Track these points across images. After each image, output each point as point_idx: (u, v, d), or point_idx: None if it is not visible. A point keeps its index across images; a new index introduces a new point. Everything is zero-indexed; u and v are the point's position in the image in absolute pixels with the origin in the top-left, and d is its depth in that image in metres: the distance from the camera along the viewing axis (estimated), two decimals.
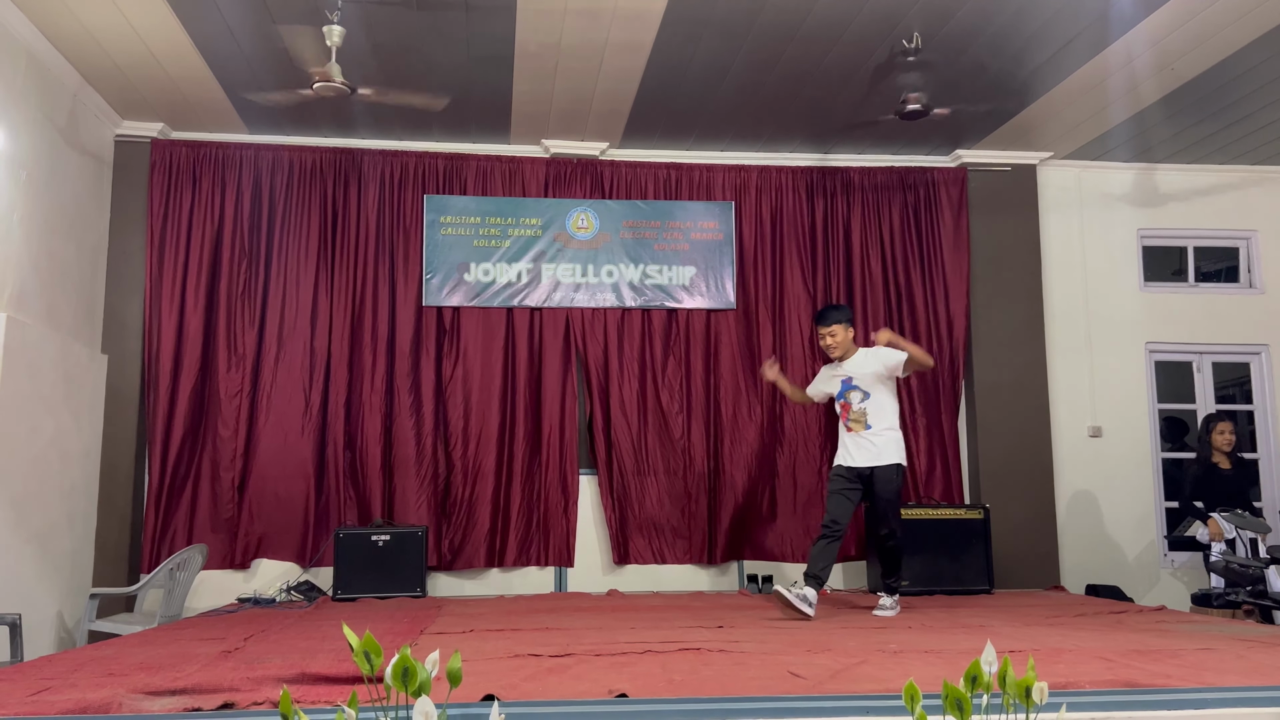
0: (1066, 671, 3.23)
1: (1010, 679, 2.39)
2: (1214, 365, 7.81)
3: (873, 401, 5.45)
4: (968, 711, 2.36)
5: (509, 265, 7.20)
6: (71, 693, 2.95)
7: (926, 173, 7.59)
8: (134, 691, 2.91)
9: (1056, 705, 2.46)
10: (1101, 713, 2.64)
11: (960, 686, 2.37)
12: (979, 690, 2.39)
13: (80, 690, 2.99)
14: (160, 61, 5.96)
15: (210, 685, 2.99)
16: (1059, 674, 3.14)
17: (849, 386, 5.52)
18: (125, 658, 3.76)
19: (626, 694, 2.89)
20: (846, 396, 5.53)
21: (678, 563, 7.08)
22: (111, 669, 3.45)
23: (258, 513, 6.74)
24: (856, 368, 5.53)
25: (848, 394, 5.52)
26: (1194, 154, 7.56)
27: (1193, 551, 7.26)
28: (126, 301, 6.80)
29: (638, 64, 6.07)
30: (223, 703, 2.76)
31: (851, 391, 5.50)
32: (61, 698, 2.87)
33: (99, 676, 3.26)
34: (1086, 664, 3.45)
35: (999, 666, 2.41)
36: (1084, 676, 3.11)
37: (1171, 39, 5.72)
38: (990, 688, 2.40)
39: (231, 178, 7.02)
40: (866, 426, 5.43)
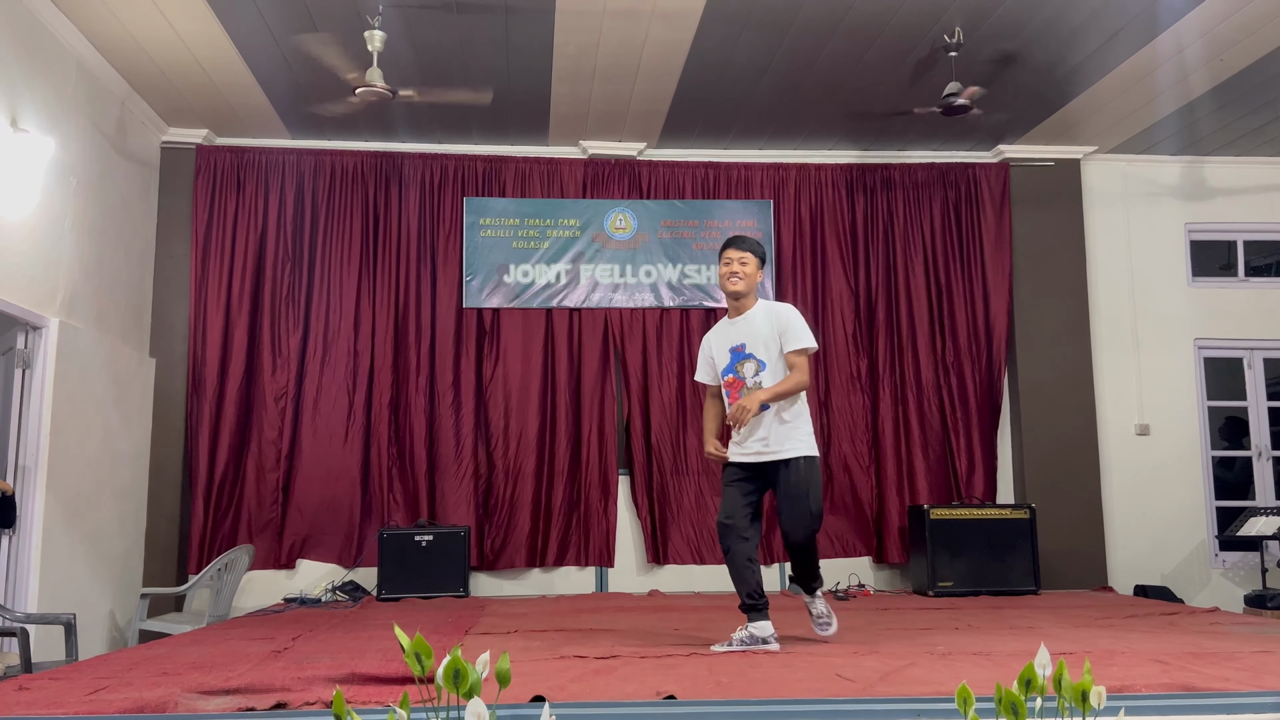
0: (1121, 674, 3.18)
1: (1066, 682, 2.35)
2: (1265, 361, 7.65)
3: (769, 373, 4.08)
4: (1023, 715, 2.32)
5: (548, 266, 7.22)
6: (128, 691, 3.00)
7: (968, 169, 7.51)
8: (189, 691, 2.95)
9: (1115, 709, 2.42)
10: (1159, 717, 2.59)
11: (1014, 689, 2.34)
12: (1033, 694, 2.36)
13: (136, 689, 3.04)
14: (205, 69, 6.05)
15: (263, 685, 3.03)
16: (1114, 677, 3.09)
17: (740, 356, 4.14)
18: (177, 657, 3.82)
19: (675, 696, 2.89)
20: (737, 370, 4.15)
21: (718, 563, 7.04)
22: (165, 668, 3.50)
23: (303, 513, 6.82)
24: (750, 329, 4.14)
25: (740, 365, 4.15)
26: (1243, 146, 7.41)
27: (1245, 551, 7.11)
28: (173, 305, 6.91)
29: (676, 63, 6.05)
30: (276, 702, 2.79)
31: (744, 361, 4.14)
32: (118, 696, 2.92)
33: (154, 676, 3.32)
34: (1141, 667, 3.39)
35: (1054, 669, 2.37)
36: (1139, 680, 3.06)
37: (1220, 29, 5.61)
38: (1044, 691, 2.37)
39: (275, 182, 7.10)
40: (763, 407, 4.00)
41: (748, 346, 4.12)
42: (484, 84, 6.22)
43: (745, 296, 4.16)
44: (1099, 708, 2.30)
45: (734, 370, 4.15)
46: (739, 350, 4.14)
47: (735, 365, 4.14)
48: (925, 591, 6.47)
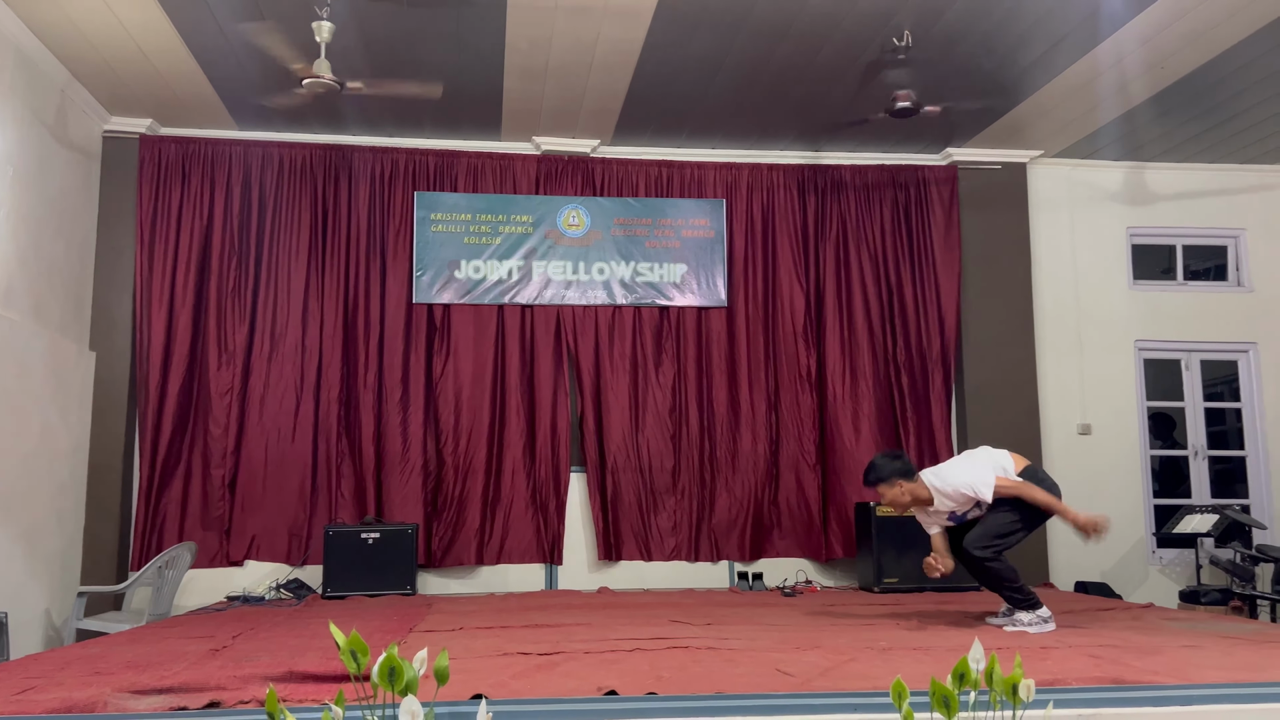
0: (1054, 668, 3.24)
1: (997, 676, 2.40)
2: (1202, 363, 7.84)
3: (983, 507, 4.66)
4: (954, 709, 2.37)
5: (500, 262, 7.19)
6: (57, 691, 2.94)
7: (917, 171, 7.60)
8: (120, 690, 2.90)
9: (1044, 702, 2.47)
10: (1088, 709, 2.65)
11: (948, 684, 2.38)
12: (966, 687, 2.40)
13: (66, 689, 2.97)
14: (149, 57, 5.93)
15: (197, 684, 2.98)
16: (1047, 670, 3.15)
17: (960, 520, 4.77)
18: (112, 656, 3.75)
19: (616, 691, 2.89)
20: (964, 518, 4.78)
21: (667, 560, 7.08)
22: (98, 667, 3.43)
23: (248, 510, 6.73)
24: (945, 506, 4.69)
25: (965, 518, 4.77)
26: (1183, 152, 7.58)
27: (1181, 548, 7.29)
28: (115, 298, 6.77)
29: (629, 61, 6.06)
30: (209, 701, 2.75)
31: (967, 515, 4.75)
32: (47, 696, 2.86)
33: (85, 675, 3.25)
34: (1074, 661, 3.46)
35: (986, 664, 2.42)
36: (1071, 673, 3.12)
37: (1162, 37, 5.74)
38: (978, 685, 2.41)
39: (221, 174, 6.99)
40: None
41: (957, 512, 4.71)
42: (435, 77, 6.18)
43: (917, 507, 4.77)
44: (1028, 700, 2.35)
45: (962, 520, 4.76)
46: (956, 516, 4.75)
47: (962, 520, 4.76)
48: (871, 588, 6.55)
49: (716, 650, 3.76)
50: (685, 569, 7.09)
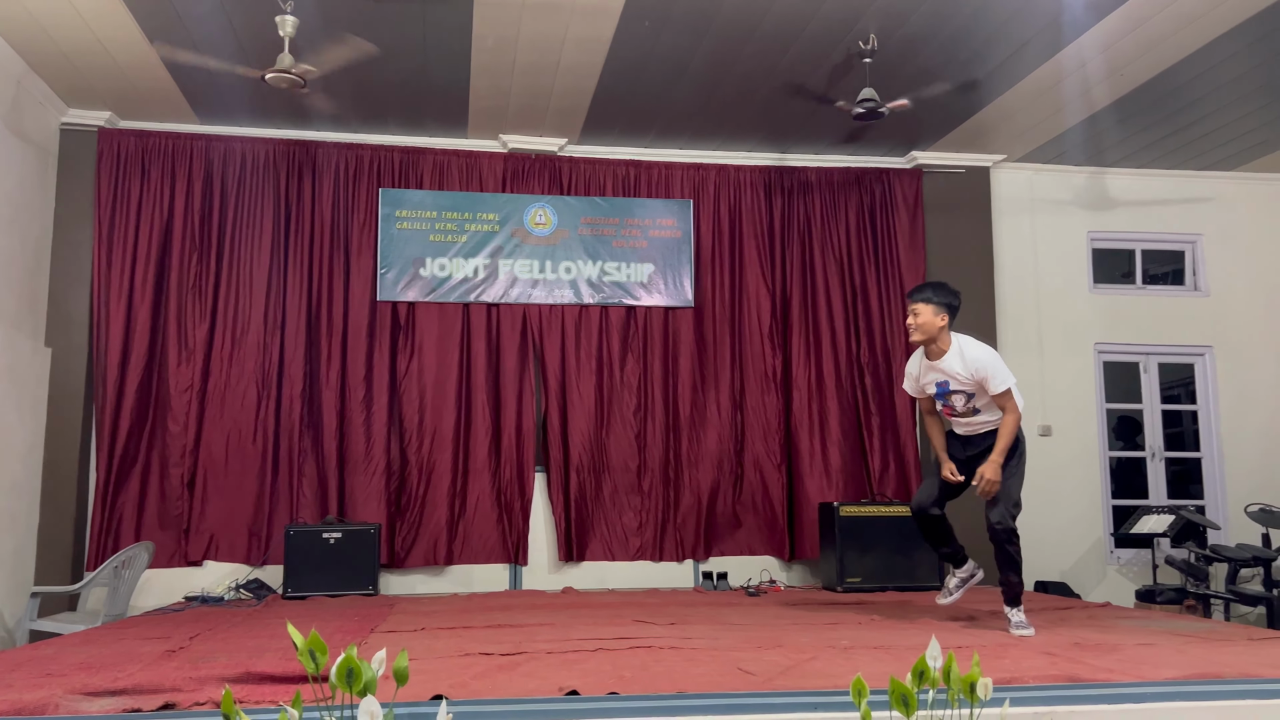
0: (1011, 666, 3.28)
1: (955, 674, 2.42)
2: (1160, 366, 7.97)
3: (980, 399, 4.52)
4: (913, 707, 2.38)
5: (465, 260, 7.15)
6: (7, 693, 2.88)
7: (883, 173, 7.66)
8: (72, 692, 2.85)
9: (1000, 700, 2.50)
10: (1044, 707, 2.68)
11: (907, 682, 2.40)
12: (925, 686, 2.42)
13: (16, 691, 2.92)
14: (108, 49, 5.83)
15: (151, 685, 2.94)
16: (1004, 669, 3.19)
17: (946, 390, 4.56)
18: (65, 657, 3.68)
19: (577, 691, 2.88)
20: (947, 399, 4.59)
21: (631, 560, 7.08)
22: (50, 669, 3.37)
23: (208, 509, 6.63)
24: (951, 371, 4.52)
25: (948, 397, 4.58)
26: (1143, 159, 7.70)
27: (1139, 548, 7.40)
28: (72, 294, 6.65)
29: (597, 59, 6.05)
30: (164, 703, 2.71)
31: (952, 394, 4.56)
32: None
33: (37, 677, 3.19)
34: (1031, 659, 3.50)
35: (944, 662, 2.44)
36: (1028, 671, 3.16)
37: (1122, 44, 5.82)
38: (936, 683, 2.43)
39: (182, 168, 6.89)
40: (975, 412, 4.56)
41: (951, 385, 4.55)
42: (401, 73, 6.12)
43: (930, 344, 4.54)
44: (986, 698, 2.37)
45: (944, 400, 4.61)
46: (944, 385, 4.58)
47: (944, 396, 4.60)
48: (834, 587, 6.59)
49: (679, 649, 3.77)
50: (650, 569, 7.09)
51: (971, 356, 4.47)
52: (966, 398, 4.50)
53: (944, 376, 4.53)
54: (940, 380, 4.55)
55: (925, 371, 4.62)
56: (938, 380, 4.56)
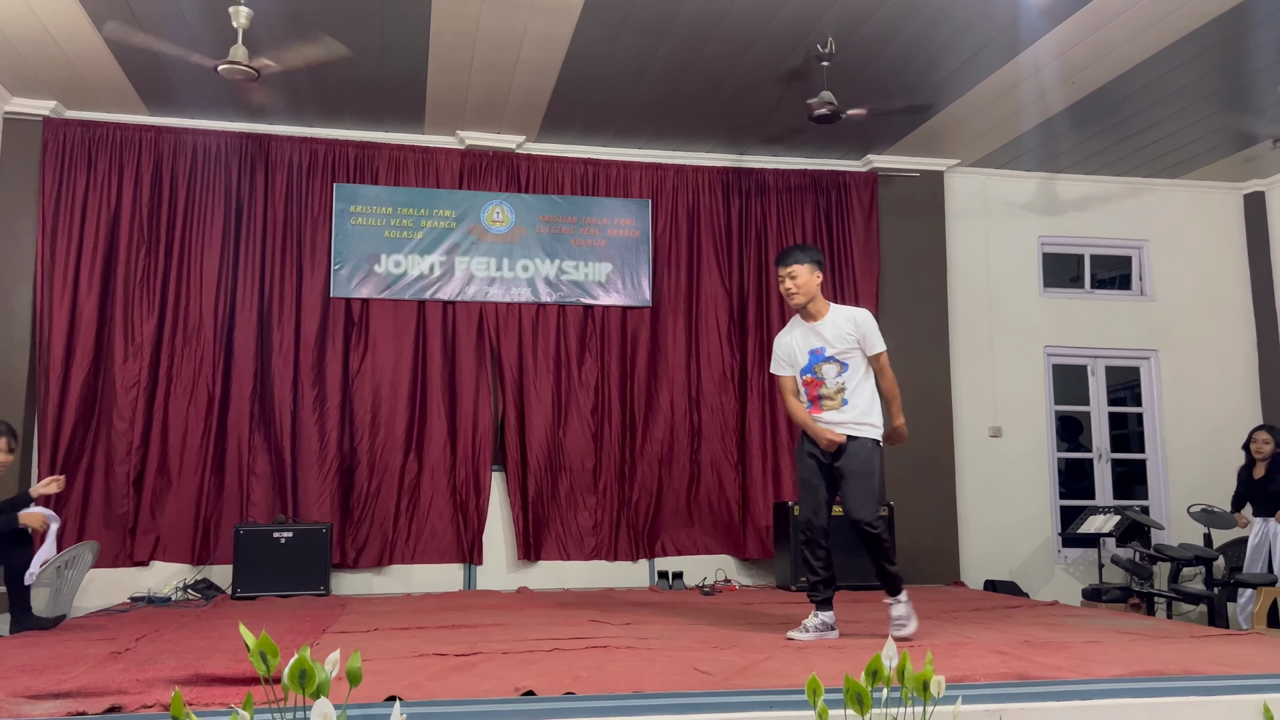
0: (963, 665, 3.32)
1: (909, 673, 2.45)
2: (1107, 369, 8.13)
3: (850, 374, 4.24)
4: (867, 705, 2.41)
5: (421, 257, 7.08)
6: None
7: (839, 176, 7.72)
8: (14, 695, 2.77)
9: (953, 698, 2.53)
10: (995, 704, 2.72)
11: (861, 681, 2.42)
12: (879, 684, 2.44)
13: None
14: (54, 36, 5.69)
15: (97, 688, 2.87)
16: (956, 667, 3.23)
17: (819, 358, 4.26)
18: (6, 659, 3.59)
19: (533, 691, 2.87)
20: (816, 371, 4.26)
21: (587, 560, 7.06)
22: None
23: (155, 508, 6.51)
24: (829, 333, 4.27)
25: (819, 368, 4.26)
26: (1092, 165, 7.85)
27: (1085, 548, 7.54)
28: (14, 286, 6.49)
29: (556, 57, 6.03)
30: (109, 706, 2.65)
31: (823, 364, 4.25)
32: None
33: None
34: (982, 657, 3.55)
35: (898, 661, 2.47)
36: (980, 669, 3.21)
37: (1074, 52, 5.93)
38: (890, 682, 2.46)
39: (130, 160, 6.75)
40: (843, 403, 4.22)
41: (827, 350, 4.25)
42: (358, 67, 6.04)
43: (808, 304, 4.30)
44: (939, 696, 2.40)
45: (812, 371, 4.28)
46: (818, 353, 4.27)
47: (814, 366, 4.27)
48: (788, 587, 6.62)
49: (635, 649, 3.77)
50: (605, 568, 7.08)
51: (852, 313, 4.33)
52: (839, 369, 4.23)
53: (820, 341, 4.26)
54: (816, 347, 4.27)
55: (800, 338, 4.34)
56: (813, 347, 4.28)
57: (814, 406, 4.29)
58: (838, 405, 4.24)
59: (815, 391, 4.29)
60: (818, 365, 4.27)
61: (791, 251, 4.38)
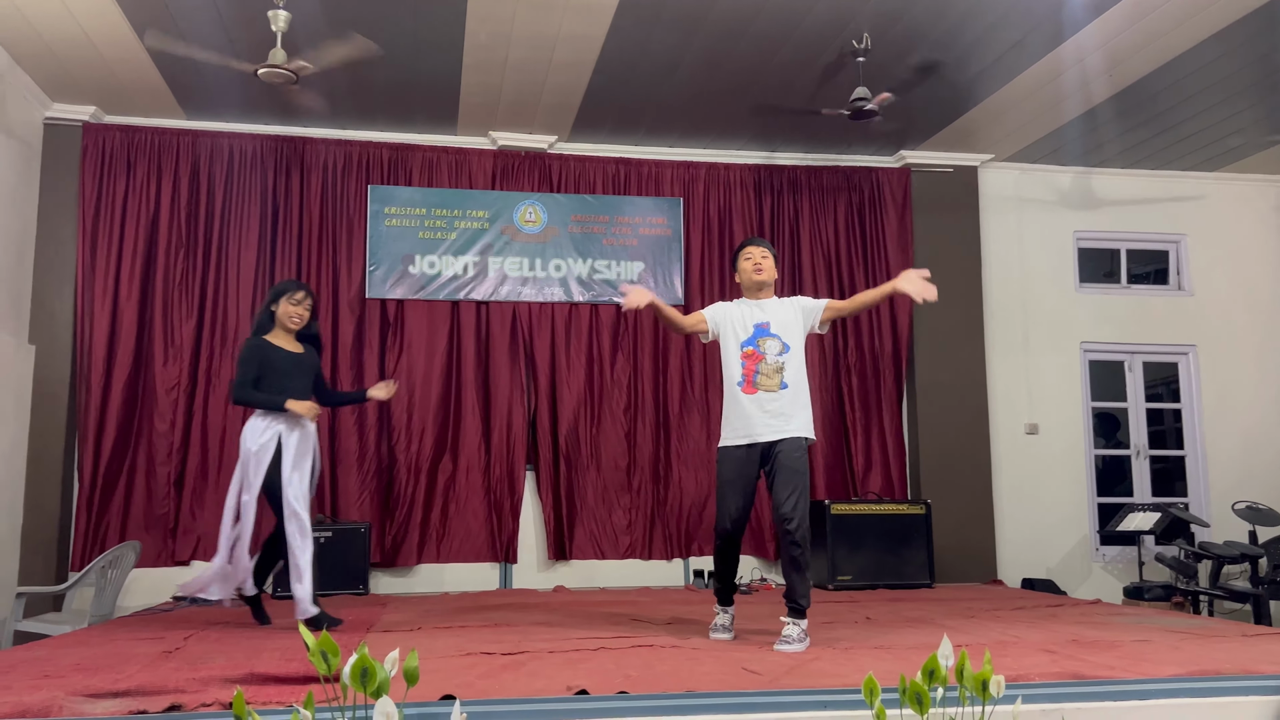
0: (1014, 664, 3.29)
1: (967, 672, 2.43)
2: (1144, 365, 8.04)
3: (792, 356, 4.24)
4: (927, 705, 2.39)
5: (455, 258, 7.11)
6: (6, 695, 2.84)
7: (871, 173, 7.68)
8: (74, 694, 2.81)
9: (1013, 698, 2.51)
10: (1052, 704, 2.70)
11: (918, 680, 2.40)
12: (935, 684, 2.43)
13: (16, 693, 2.87)
14: (94, 42, 5.76)
15: (154, 687, 2.90)
16: (1007, 666, 3.20)
17: (764, 333, 4.26)
18: (59, 658, 3.63)
19: (587, 690, 2.87)
20: (759, 345, 4.26)
21: (620, 558, 7.07)
22: (46, 670, 3.33)
23: (195, 509, 6.57)
24: (775, 312, 4.31)
25: (761, 342, 4.26)
26: (1128, 159, 7.77)
27: (1124, 546, 7.46)
28: (56, 291, 6.56)
29: (589, 57, 6.03)
30: (169, 705, 2.68)
31: (767, 339, 4.24)
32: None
33: (34, 678, 3.14)
34: (1031, 656, 3.52)
35: (956, 660, 2.45)
36: (1032, 669, 3.18)
37: (1112, 45, 5.86)
38: (946, 681, 2.44)
39: (168, 164, 6.82)
40: (782, 386, 4.20)
41: (772, 326, 4.26)
42: (392, 69, 6.08)
43: (764, 287, 4.37)
44: (998, 696, 2.38)
45: (755, 344, 4.25)
46: (763, 328, 4.27)
47: (757, 340, 4.25)
48: (825, 585, 6.60)
49: (680, 649, 3.77)
50: (640, 567, 7.08)
51: (795, 297, 4.42)
52: (782, 348, 4.22)
53: (765, 317, 4.27)
54: (761, 321, 4.27)
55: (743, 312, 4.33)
56: (757, 321, 4.27)
57: (746, 383, 4.22)
58: (775, 386, 4.19)
59: (754, 366, 4.24)
60: (761, 339, 4.25)
61: (759, 239, 4.50)
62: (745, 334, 4.28)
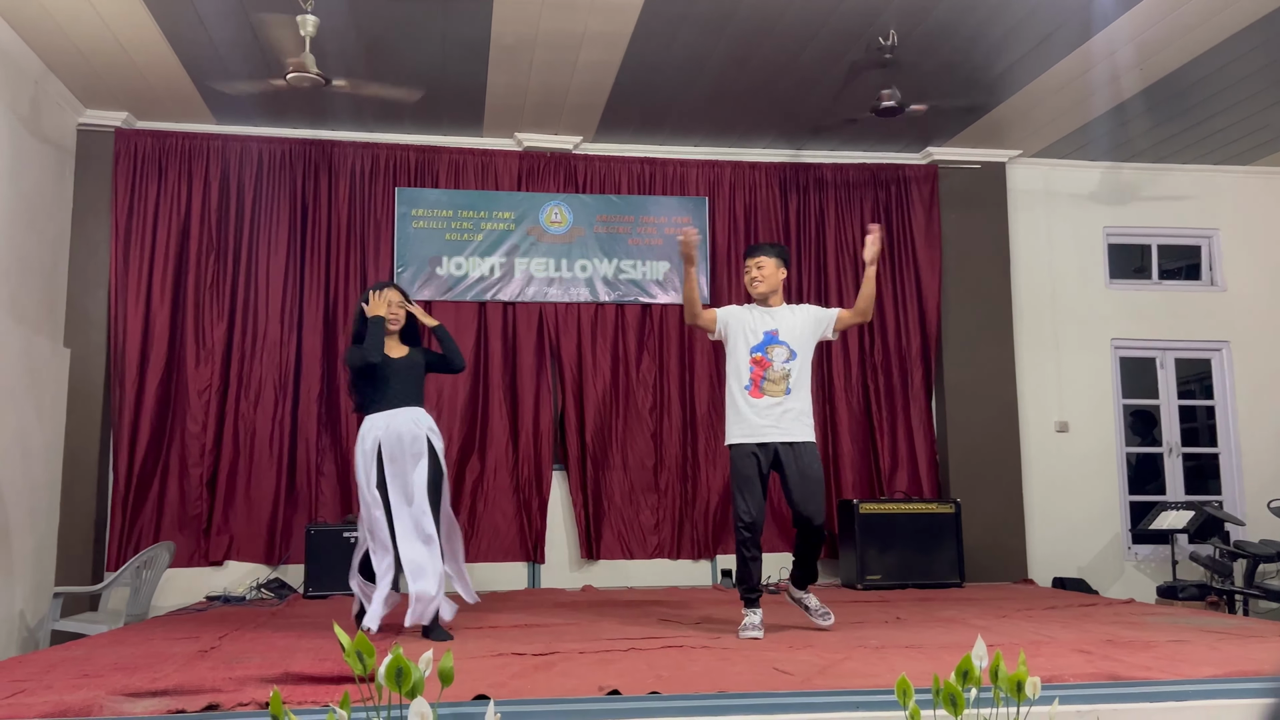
0: (1048, 664, 3.27)
1: (1002, 673, 2.41)
2: (1176, 361, 7.95)
3: (798, 364, 4.39)
4: (961, 706, 2.38)
5: (481, 259, 7.14)
6: (47, 695, 2.88)
7: (898, 170, 7.64)
8: (113, 693, 2.85)
9: (1049, 699, 2.49)
10: (1088, 705, 2.67)
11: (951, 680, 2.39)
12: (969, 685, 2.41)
13: (57, 692, 2.92)
14: (126, 49, 5.83)
15: (192, 686, 2.94)
16: (1041, 667, 3.18)
17: (773, 340, 4.41)
18: (97, 658, 3.68)
19: (619, 691, 2.88)
20: (768, 352, 4.40)
21: (648, 558, 7.08)
22: (85, 670, 3.38)
23: (228, 509, 6.64)
24: (785, 320, 4.46)
25: (770, 349, 4.40)
26: (1159, 153, 7.68)
27: (1157, 544, 7.38)
28: (90, 294, 6.65)
29: (614, 57, 6.04)
30: (207, 704, 2.71)
31: (775, 346, 4.39)
32: (38, 700, 2.80)
33: (74, 678, 3.19)
34: (1066, 656, 3.49)
35: (990, 661, 2.43)
36: (1067, 670, 3.15)
37: (1142, 39, 5.80)
38: (980, 682, 2.42)
39: (199, 169, 6.89)
40: (786, 391, 4.35)
41: (781, 334, 4.41)
42: (418, 71, 6.11)
43: (770, 296, 4.50)
44: (1034, 697, 2.37)
45: (763, 350, 4.41)
46: (773, 334, 4.42)
47: (766, 347, 4.41)
48: (854, 585, 6.58)
49: (711, 649, 3.77)
50: (668, 566, 7.09)
51: (805, 306, 4.60)
52: (789, 354, 4.37)
53: (775, 324, 4.42)
54: (771, 328, 4.41)
55: (754, 317, 4.47)
56: (768, 328, 4.42)
57: (753, 388, 4.38)
58: (782, 392, 4.36)
59: (761, 372, 4.40)
60: (770, 346, 4.42)
61: (761, 245, 4.64)
62: (755, 340, 4.43)
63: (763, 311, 4.48)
